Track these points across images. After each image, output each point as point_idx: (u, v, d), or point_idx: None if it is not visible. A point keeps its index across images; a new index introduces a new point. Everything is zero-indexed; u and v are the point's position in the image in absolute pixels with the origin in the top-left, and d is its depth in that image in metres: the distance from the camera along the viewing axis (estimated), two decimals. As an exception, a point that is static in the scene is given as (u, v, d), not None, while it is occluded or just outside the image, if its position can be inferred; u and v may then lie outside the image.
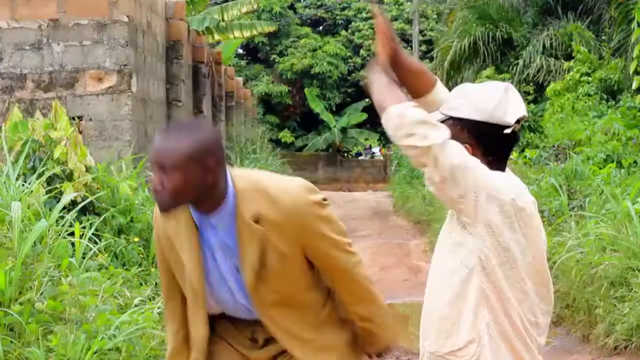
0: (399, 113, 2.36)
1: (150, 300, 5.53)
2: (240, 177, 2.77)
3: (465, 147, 2.40)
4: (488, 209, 2.36)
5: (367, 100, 30.33)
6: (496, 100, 2.46)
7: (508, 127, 2.45)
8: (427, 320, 2.51)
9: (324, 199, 2.74)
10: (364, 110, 33.77)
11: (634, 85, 10.98)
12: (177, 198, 2.66)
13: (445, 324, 2.44)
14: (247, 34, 19.81)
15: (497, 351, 2.41)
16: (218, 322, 2.89)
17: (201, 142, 2.68)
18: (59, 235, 5.35)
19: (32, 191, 5.86)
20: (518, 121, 2.47)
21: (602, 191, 8.84)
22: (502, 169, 2.48)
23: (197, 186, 2.65)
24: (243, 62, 36.09)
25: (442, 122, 2.46)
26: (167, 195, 2.65)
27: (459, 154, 2.34)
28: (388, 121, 2.39)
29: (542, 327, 2.51)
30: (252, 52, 36.77)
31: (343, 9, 37.77)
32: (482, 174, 2.38)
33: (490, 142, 2.46)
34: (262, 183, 2.74)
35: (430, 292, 2.52)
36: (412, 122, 2.34)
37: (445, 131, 2.36)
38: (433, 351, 2.48)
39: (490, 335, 2.40)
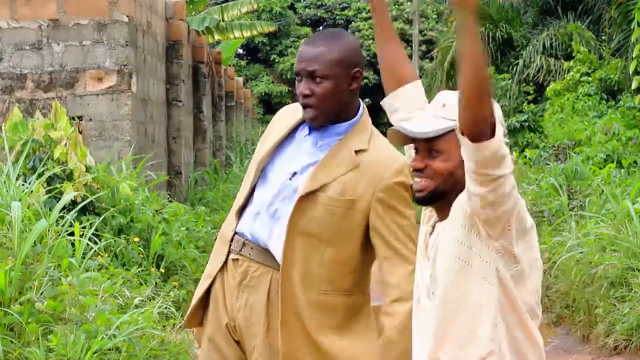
0: (499, 144, 2.18)
1: (150, 300, 5.53)
2: (368, 119, 2.85)
3: None
4: (514, 236, 2.33)
5: (367, 100, 30.31)
6: (497, 110, 2.40)
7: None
8: (441, 330, 2.41)
9: (411, 186, 2.72)
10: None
11: (634, 85, 10.98)
12: (325, 107, 2.73)
13: (463, 335, 2.38)
14: (247, 34, 19.80)
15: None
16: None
17: (350, 50, 2.77)
18: (59, 235, 5.35)
19: (32, 191, 5.86)
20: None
21: (602, 191, 8.84)
22: None
23: (342, 95, 2.73)
24: (243, 62, 36.10)
25: (449, 131, 2.38)
26: (315, 102, 2.71)
27: (513, 182, 2.27)
28: (485, 148, 2.16)
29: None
30: (252, 52, 36.78)
31: (343, 9, 37.78)
32: (521, 202, 2.33)
33: None
34: (379, 134, 2.83)
35: (440, 301, 2.41)
36: (503, 155, 2.19)
37: (510, 162, 2.27)
38: None
39: (508, 348, 2.36)
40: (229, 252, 2.87)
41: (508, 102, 18.83)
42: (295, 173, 2.81)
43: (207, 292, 2.93)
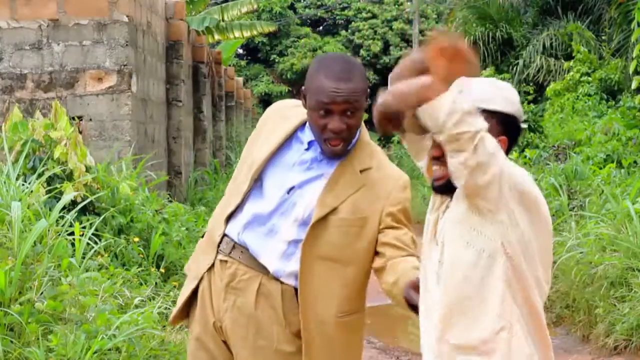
0: (453, 99, 2.28)
1: (150, 300, 5.53)
2: (367, 133, 2.89)
3: (499, 140, 2.39)
4: (510, 197, 2.36)
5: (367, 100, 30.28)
6: (517, 95, 2.52)
7: (523, 121, 2.52)
8: (449, 310, 2.45)
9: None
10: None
11: (634, 85, 10.98)
12: (352, 137, 2.80)
13: (471, 313, 2.41)
14: (247, 34, 19.80)
15: (527, 338, 2.41)
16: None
17: (366, 79, 2.85)
18: (59, 235, 5.35)
19: (32, 191, 5.86)
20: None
21: (602, 191, 8.84)
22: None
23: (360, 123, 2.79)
24: (243, 62, 36.10)
25: None
26: (348, 135, 2.77)
27: (494, 143, 2.34)
28: (439, 108, 2.28)
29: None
30: (252, 52, 36.79)
31: (343, 9, 37.79)
32: (507, 164, 2.39)
33: (514, 136, 2.50)
34: (379, 152, 2.89)
35: (446, 283, 2.45)
36: (463, 110, 2.29)
37: (483, 120, 2.34)
38: (461, 343, 2.43)
39: (519, 322, 2.40)
40: (217, 253, 2.88)
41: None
42: (293, 187, 2.81)
43: (195, 291, 2.94)
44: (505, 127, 2.46)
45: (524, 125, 2.50)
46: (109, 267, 5.73)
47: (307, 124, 2.84)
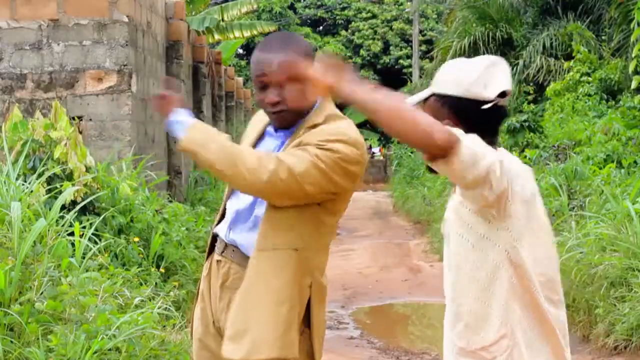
0: (465, 155, 2.22)
1: (150, 300, 5.53)
2: (333, 108, 2.82)
3: (446, 124, 2.38)
4: (513, 203, 2.35)
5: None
6: (475, 74, 2.43)
7: (488, 102, 2.41)
8: (454, 314, 2.46)
9: (357, 161, 2.70)
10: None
11: (633, 85, 10.98)
12: (296, 105, 2.73)
13: (474, 318, 2.41)
14: (247, 34, 19.81)
15: (530, 346, 2.39)
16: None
17: (306, 48, 2.78)
18: (59, 235, 5.35)
19: (32, 191, 5.86)
20: (503, 95, 2.44)
21: (602, 191, 8.84)
22: (492, 145, 2.44)
23: (304, 94, 2.72)
24: (243, 62, 36.10)
25: (426, 98, 2.47)
26: (289, 108, 2.74)
27: (499, 161, 2.29)
28: (458, 159, 2.22)
29: (562, 303, 2.52)
30: (252, 52, 36.76)
31: (343, 9, 37.80)
32: (512, 174, 2.35)
33: (471, 119, 2.42)
34: (342, 116, 2.80)
35: (454, 286, 2.46)
36: (476, 156, 2.24)
37: (491, 151, 2.30)
38: (463, 346, 2.44)
39: (522, 330, 2.39)
40: (212, 254, 2.93)
41: (508, 102, 18.82)
42: None
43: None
44: (454, 110, 2.43)
45: (485, 106, 2.43)
46: (109, 267, 5.73)
47: None
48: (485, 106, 2.40)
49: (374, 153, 41.66)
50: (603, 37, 18.02)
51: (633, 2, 12.80)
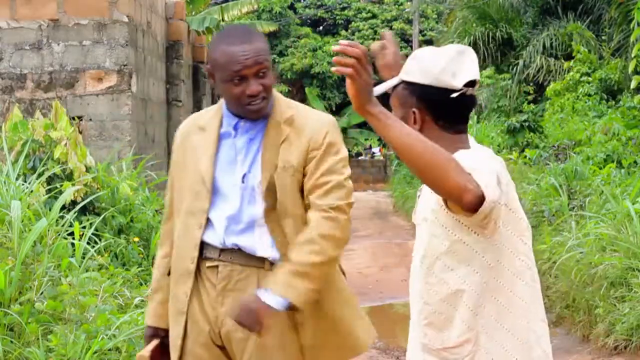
0: (492, 201, 2.22)
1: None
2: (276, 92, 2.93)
3: (413, 112, 2.37)
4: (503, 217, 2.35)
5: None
6: (443, 63, 2.42)
7: (455, 90, 2.40)
8: (419, 311, 2.46)
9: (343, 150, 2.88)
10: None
11: (633, 85, 10.97)
12: (271, 96, 2.82)
13: (438, 319, 2.40)
14: (247, 34, 19.78)
15: (495, 351, 2.37)
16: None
17: (265, 40, 2.88)
18: (59, 235, 5.35)
19: (32, 191, 5.86)
20: (471, 85, 2.42)
21: (602, 191, 8.84)
22: (460, 133, 2.43)
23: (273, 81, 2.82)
24: (243, 62, 36.04)
25: (395, 86, 2.46)
26: (267, 95, 2.79)
27: (497, 183, 2.28)
28: (477, 215, 2.23)
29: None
30: (252, 52, 36.74)
31: (343, 9, 37.78)
32: (509, 197, 2.35)
33: (440, 107, 2.42)
34: (296, 103, 2.94)
35: (423, 284, 2.45)
36: (492, 207, 2.24)
37: (495, 186, 2.27)
38: (426, 343, 2.44)
39: (486, 333, 2.36)
40: (195, 274, 2.85)
41: (508, 102, 18.83)
42: (244, 175, 2.82)
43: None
44: (421, 98, 2.42)
45: (453, 95, 2.41)
46: (109, 267, 5.74)
47: (224, 107, 2.87)
48: (454, 95, 2.39)
49: (374, 153, 41.65)
50: (603, 37, 18.04)
51: (633, 2, 12.80)
